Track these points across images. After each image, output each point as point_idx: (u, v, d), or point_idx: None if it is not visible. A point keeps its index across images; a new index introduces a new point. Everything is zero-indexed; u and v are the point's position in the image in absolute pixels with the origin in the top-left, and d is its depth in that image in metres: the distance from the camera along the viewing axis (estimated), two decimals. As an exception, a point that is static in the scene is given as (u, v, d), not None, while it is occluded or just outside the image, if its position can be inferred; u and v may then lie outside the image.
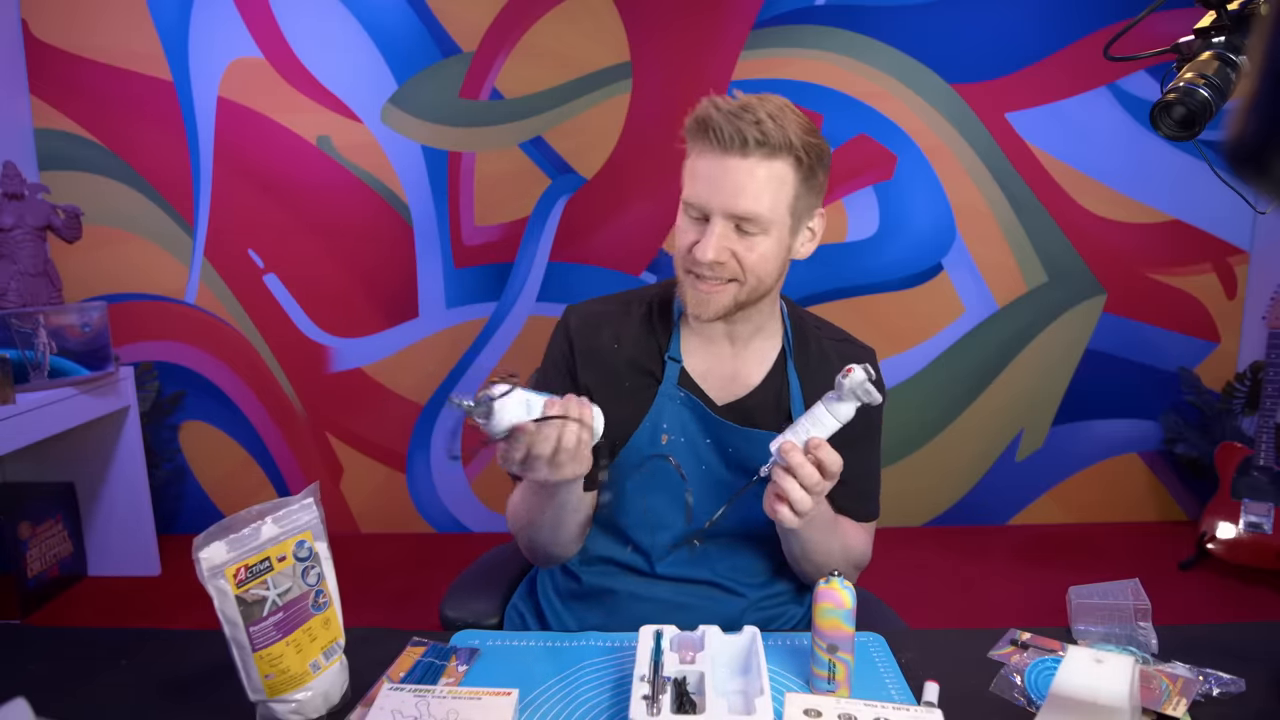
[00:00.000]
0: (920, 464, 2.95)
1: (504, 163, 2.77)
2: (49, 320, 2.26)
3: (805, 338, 1.10)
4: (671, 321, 1.08)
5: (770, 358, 1.07)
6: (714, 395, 1.04)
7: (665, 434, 1.02)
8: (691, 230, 0.96)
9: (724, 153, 0.92)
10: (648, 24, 2.68)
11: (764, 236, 0.94)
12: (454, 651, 0.91)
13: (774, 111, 0.92)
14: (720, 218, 0.93)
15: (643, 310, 1.09)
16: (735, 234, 0.94)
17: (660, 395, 1.03)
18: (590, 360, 1.06)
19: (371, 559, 2.76)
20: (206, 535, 0.76)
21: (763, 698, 0.73)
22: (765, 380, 1.05)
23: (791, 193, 0.95)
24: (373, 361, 2.89)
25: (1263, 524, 2.43)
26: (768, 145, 0.91)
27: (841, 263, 2.84)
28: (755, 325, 1.05)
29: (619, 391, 1.04)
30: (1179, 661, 0.87)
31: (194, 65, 2.70)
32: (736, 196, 0.92)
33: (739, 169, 0.92)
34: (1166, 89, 0.77)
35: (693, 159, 0.96)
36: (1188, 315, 2.89)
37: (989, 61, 2.72)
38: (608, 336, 1.07)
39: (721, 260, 0.94)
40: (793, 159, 0.93)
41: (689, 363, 1.05)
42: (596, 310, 1.10)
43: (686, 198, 0.96)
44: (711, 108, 0.93)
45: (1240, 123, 0.37)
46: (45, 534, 2.47)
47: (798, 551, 1.02)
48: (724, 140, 0.91)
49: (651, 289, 1.13)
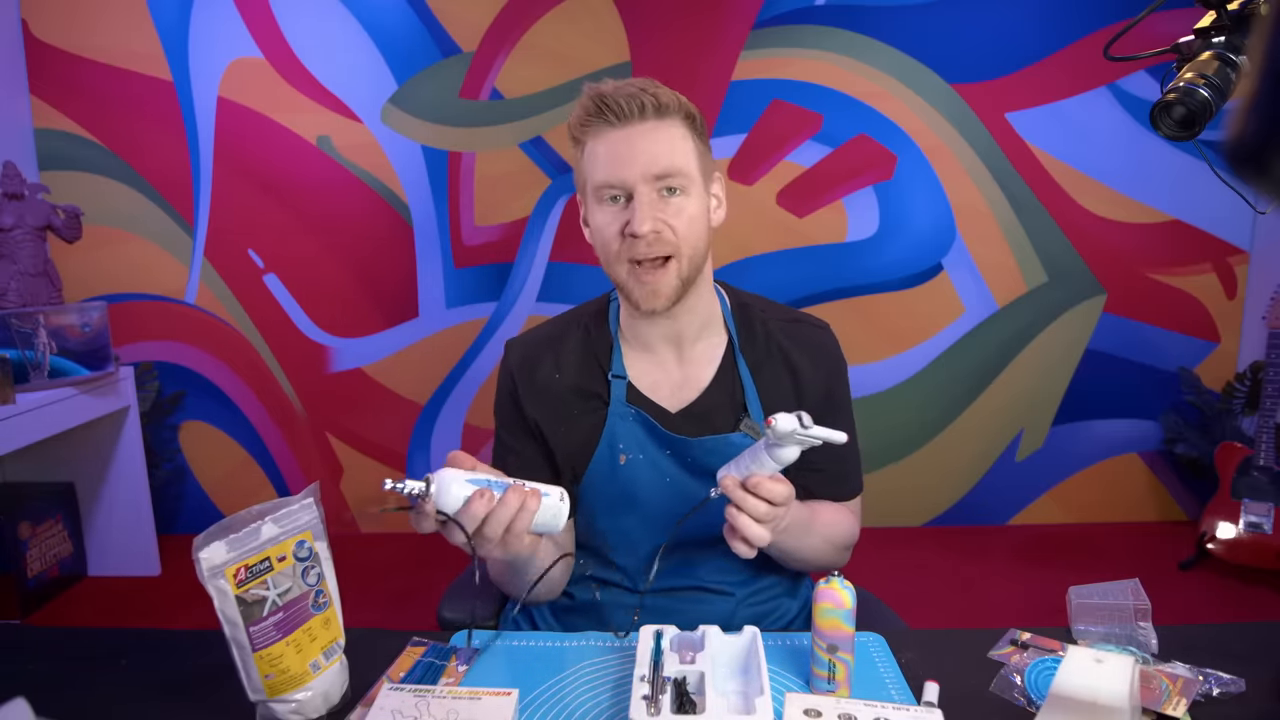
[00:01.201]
0: (920, 464, 2.95)
1: (504, 163, 2.77)
2: (49, 320, 2.26)
3: (751, 325, 1.07)
4: (610, 338, 1.07)
5: (717, 355, 1.05)
6: (665, 404, 1.04)
7: (623, 454, 1.02)
8: (614, 216, 0.96)
9: (624, 124, 0.94)
10: (648, 24, 2.68)
11: (685, 197, 0.96)
12: (454, 651, 0.91)
13: (650, 83, 0.96)
14: (643, 185, 0.93)
15: (580, 332, 1.08)
16: (660, 200, 0.94)
17: (610, 415, 1.02)
18: (534, 394, 1.06)
19: (371, 559, 2.76)
20: (206, 535, 0.75)
21: (763, 698, 0.73)
22: (715, 379, 1.04)
23: (694, 150, 0.97)
24: (373, 361, 2.89)
25: (1263, 524, 2.43)
26: (660, 107, 0.94)
27: (841, 263, 2.84)
28: (698, 323, 1.04)
29: (568, 420, 1.04)
30: (1179, 661, 0.87)
31: (194, 65, 2.70)
32: (653, 157, 0.93)
33: (643, 133, 0.94)
34: (1166, 89, 0.77)
35: (590, 146, 0.96)
36: (1188, 315, 2.89)
37: (989, 61, 2.72)
38: (548, 367, 1.06)
39: (657, 230, 0.94)
40: (684, 116, 0.96)
41: (634, 376, 1.04)
42: (534, 340, 1.09)
43: (603, 180, 0.95)
44: (599, 90, 0.95)
45: (1240, 123, 0.37)
46: (45, 534, 2.47)
47: (778, 555, 1.02)
48: (622, 112, 0.93)
49: (587, 307, 1.12)
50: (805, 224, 2.81)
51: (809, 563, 1.05)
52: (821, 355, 1.08)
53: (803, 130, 2.76)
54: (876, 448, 2.93)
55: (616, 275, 0.99)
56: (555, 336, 1.09)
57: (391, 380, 2.90)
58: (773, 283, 2.82)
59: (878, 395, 2.91)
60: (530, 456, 1.07)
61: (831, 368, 1.08)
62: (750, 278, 2.80)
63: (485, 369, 2.89)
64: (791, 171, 2.78)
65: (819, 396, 1.06)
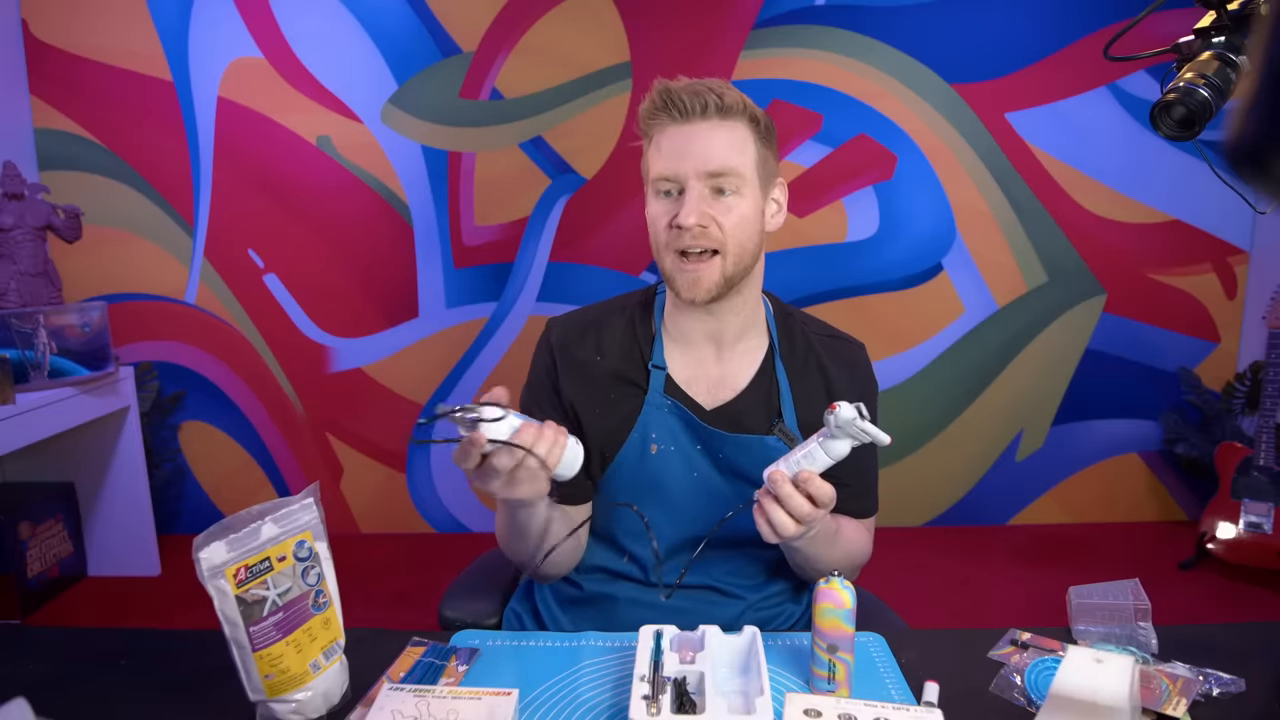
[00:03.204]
0: (920, 464, 2.95)
1: (504, 163, 2.77)
2: (49, 320, 2.26)
3: (792, 335, 1.09)
4: (654, 328, 1.07)
5: (757, 359, 1.06)
6: (701, 400, 1.04)
7: (655, 443, 1.02)
8: (667, 208, 0.98)
9: (686, 121, 0.96)
10: (648, 24, 2.68)
11: (738, 197, 0.96)
12: (454, 651, 0.91)
13: (720, 83, 0.98)
14: (695, 181, 0.95)
15: (625, 319, 1.09)
16: (711, 197, 0.96)
17: (647, 404, 1.03)
18: (574, 374, 1.06)
19: (371, 559, 2.76)
20: (206, 535, 0.75)
21: (763, 698, 0.73)
22: (753, 382, 1.05)
23: (754, 153, 0.98)
24: (373, 361, 2.89)
25: (1263, 524, 2.43)
26: (725, 108, 0.95)
27: (841, 263, 2.84)
28: (740, 325, 1.05)
29: (605, 403, 1.04)
30: (1179, 661, 0.87)
31: (194, 65, 2.70)
32: (707, 155, 0.95)
33: (703, 131, 0.95)
34: (1166, 89, 0.77)
35: (655, 139, 0.99)
36: (1188, 315, 2.89)
37: (989, 61, 2.72)
38: (590, 348, 1.07)
39: (704, 225, 0.95)
40: (748, 119, 0.97)
41: (673, 369, 1.05)
42: (578, 321, 1.10)
43: (660, 173, 0.97)
44: (667, 86, 0.97)
45: (1240, 123, 0.37)
46: (45, 534, 2.47)
47: (801, 562, 1.02)
48: (686, 109, 0.95)
49: (633, 296, 1.12)
50: (805, 224, 2.81)
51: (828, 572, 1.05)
52: (857, 371, 1.10)
53: (803, 130, 2.76)
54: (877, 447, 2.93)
55: (662, 264, 1.00)
56: (599, 320, 1.09)
57: (391, 380, 2.90)
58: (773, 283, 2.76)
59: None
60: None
61: (864, 385, 1.10)
62: (750, 278, 2.80)
63: (485, 369, 2.89)
64: (791, 171, 2.78)
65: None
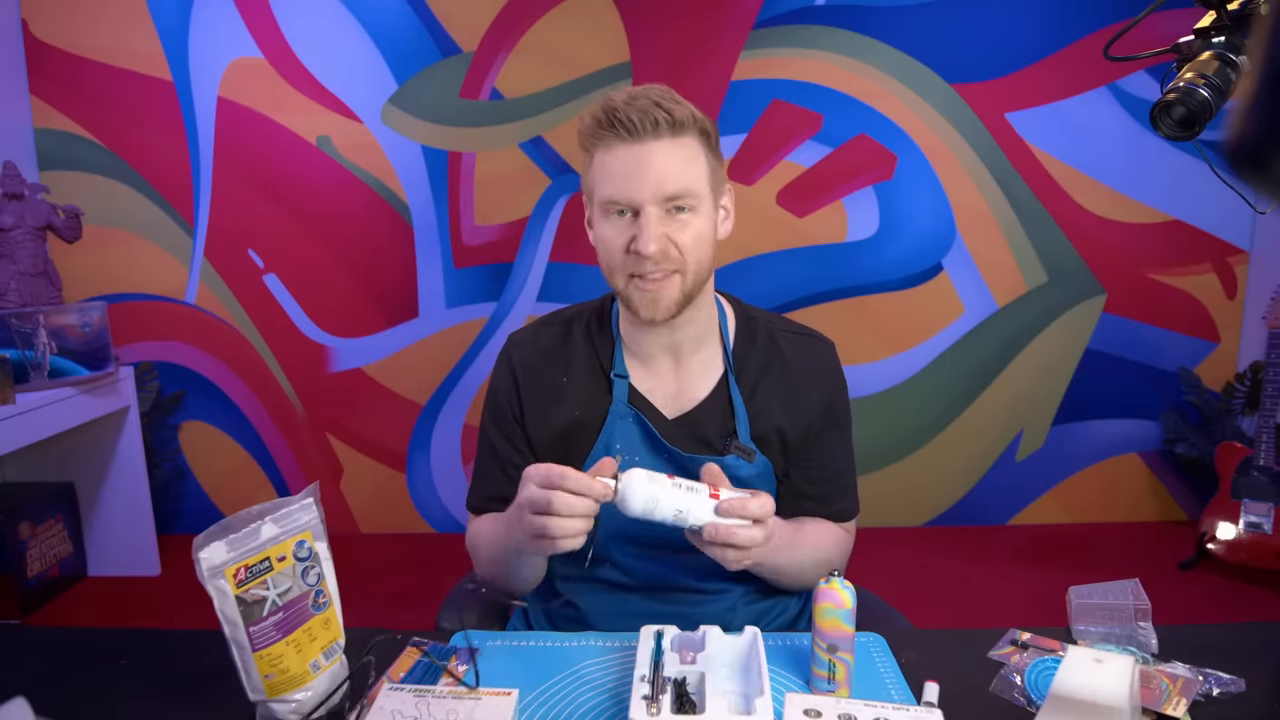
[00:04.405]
0: (920, 464, 2.95)
1: (504, 163, 2.77)
2: (49, 320, 2.26)
3: (754, 335, 1.07)
4: (611, 337, 1.07)
5: (715, 369, 1.05)
6: (663, 409, 1.04)
7: (619, 454, 1.01)
8: (620, 230, 0.95)
9: (636, 140, 0.91)
10: (648, 24, 2.68)
11: (694, 215, 0.94)
12: (454, 651, 0.91)
13: (666, 94, 0.93)
14: (652, 206, 0.92)
15: (583, 330, 1.08)
16: (667, 219, 0.93)
17: (611, 414, 1.03)
18: (538, 396, 1.06)
19: (371, 559, 2.75)
20: (206, 535, 0.75)
21: (763, 698, 0.73)
22: (713, 393, 1.04)
23: (706, 167, 0.96)
24: (373, 361, 2.89)
25: (1263, 524, 2.43)
26: (675, 124, 0.92)
27: (841, 263, 2.84)
28: (697, 334, 1.04)
29: (572, 420, 1.04)
30: (1179, 661, 0.87)
31: (194, 65, 2.70)
32: (662, 180, 0.91)
33: (656, 152, 0.91)
34: (1166, 89, 0.77)
35: (600, 157, 0.94)
36: (1188, 315, 2.88)
37: (989, 61, 2.72)
38: (556, 370, 1.06)
39: (664, 249, 0.93)
40: (698, 132, 0.94)
41: (634, 380, 1.04)
42: (538, 341, 1.08)
43: (610, 197, 0.93)
44: (612, 103, 0.93)
45: (1240, 123, 0.37)
46: (45, 534, 2.47)
47: (769, 577, 1.02)
48: (635, 128, 0.91)
49: (588, 306, 1.11)
50: (805, 224, 2.81)
51: (798, 581, 1.04)
52: (825, 368, 1.08)
53: (803, 130, 2.76)
54: (876, 448, 2.94)
55: (615, 284, 0.98)
56: (560, 336, 1.08)
57: (391, 380, 2.90)
58: (773, 283, 2.83)
59: (877, 395, 2.91)
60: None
61: (833, 383, 1.08)
62: (750, 278, 2.80)
63: (485, 369, 2.89)
64: (791, 171, 2.78)
65: (819, 409, 1.06)
